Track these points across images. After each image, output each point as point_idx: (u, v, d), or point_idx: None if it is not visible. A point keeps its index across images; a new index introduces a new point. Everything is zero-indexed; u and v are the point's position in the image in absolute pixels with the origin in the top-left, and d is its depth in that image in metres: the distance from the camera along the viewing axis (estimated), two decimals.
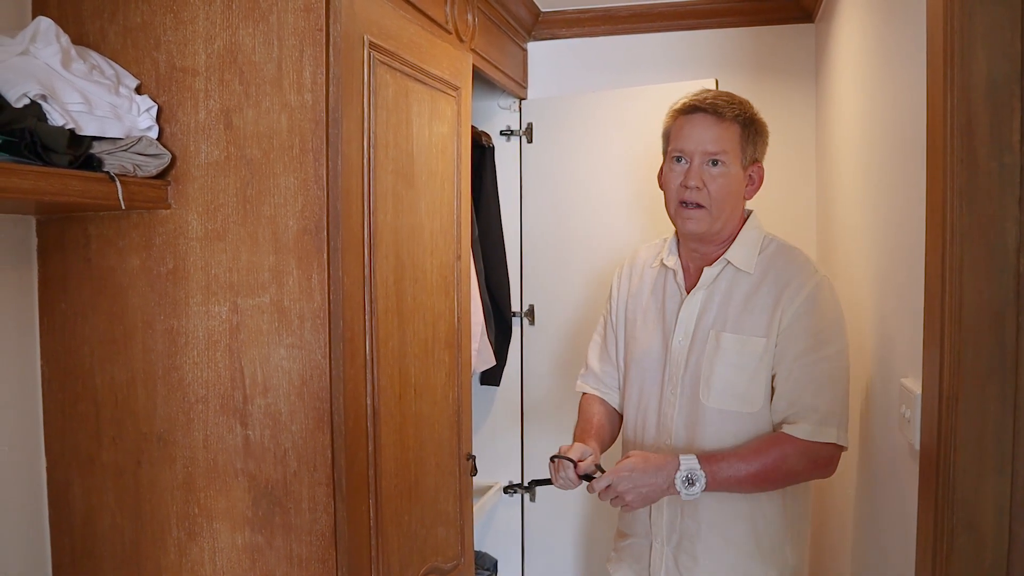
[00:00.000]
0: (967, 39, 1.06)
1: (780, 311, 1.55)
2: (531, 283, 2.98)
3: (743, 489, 1.53)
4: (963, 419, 1.09)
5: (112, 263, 1.63)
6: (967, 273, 1.08)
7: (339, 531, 1.55)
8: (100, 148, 1.44)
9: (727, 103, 1.59)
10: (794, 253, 1.64)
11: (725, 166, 1.58)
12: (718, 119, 1.57)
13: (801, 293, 1.55)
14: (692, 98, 1.61)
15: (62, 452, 1.69)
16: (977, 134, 1.06)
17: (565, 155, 2.87)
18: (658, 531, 1.66)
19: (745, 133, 1.60)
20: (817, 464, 1.53)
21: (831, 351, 1.55)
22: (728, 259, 1.63)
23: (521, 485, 2.97)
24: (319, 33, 1.50)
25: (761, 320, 1.57)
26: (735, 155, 1.58)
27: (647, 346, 1.72)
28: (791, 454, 1.50)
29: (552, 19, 2.95)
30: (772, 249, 1.64)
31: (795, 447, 1.50)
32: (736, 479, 1.49)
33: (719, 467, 1.49)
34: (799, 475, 1.55)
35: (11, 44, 1.40)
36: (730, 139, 1.57)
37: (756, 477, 1.50)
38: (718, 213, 1.59)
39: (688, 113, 1.60)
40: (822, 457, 1.52)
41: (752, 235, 1.65)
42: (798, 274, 1.58)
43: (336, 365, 1.53)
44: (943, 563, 1.11)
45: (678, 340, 1.65)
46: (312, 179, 1.52)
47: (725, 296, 1.62)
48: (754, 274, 1.61)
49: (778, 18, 2.77)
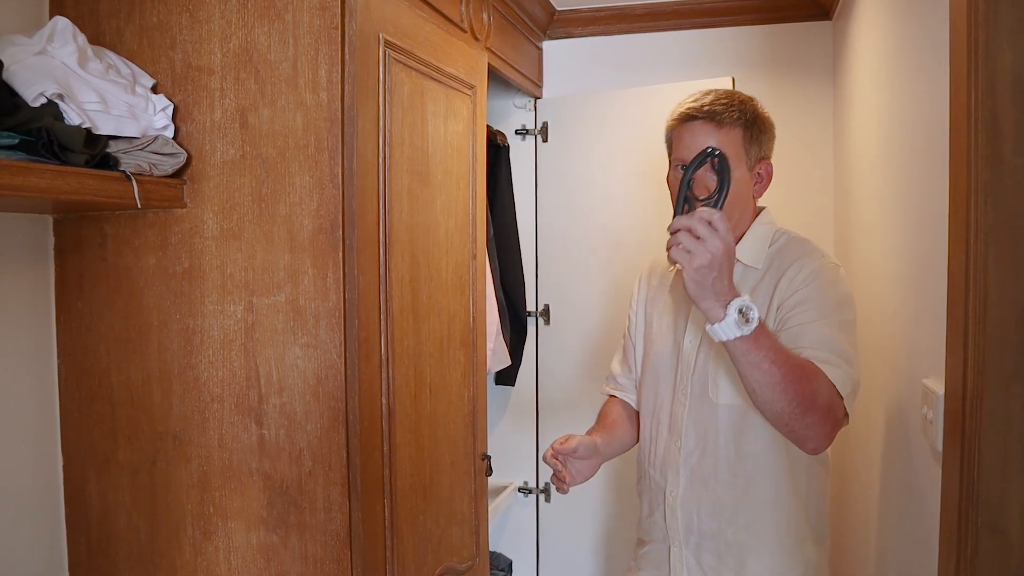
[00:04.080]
0: (992, 33, 1.04)
1: (779, 293, 1.50)
2: (546, 283, 2.97)
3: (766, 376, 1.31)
4: (987, 420, 1.07)
5: (128, 262, 1.63)
6: (992, 272, 1.06)
7: (354, 531, 1.54)
8: (116, 147, 1.44)
9: (725, 107, 1.52)
10: (802, 243, 1.59)
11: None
12: (717, 126, 1.52)
13: (803, 272, 1.49)
14: (689, 105, 1.56)
15: (78, 450, 1.70)
16: (1002, 130, 1.04)
17: (580, 154, 2.86)
18: (675, 535, 1.62)
19: (748, 134, 1.54)
20: (830, 413, 1.37)
21: (848, 317, 1.46)
22: (736, 256, 1.56)
23: (537, 487, 2.96)
24: (334, 32, 1.49)
25: (760, 308, 1.47)
26: (738, 159, 1.53)
27: (661, 349, 1.70)
28: (822, 380, 1.36)
29: (567, 18, 2.94)
30: (782, 242, 1.60)
31: (824, 378, 1.37)
32: (772, 355, 1.30)
33: (770, 334, 1.33)
34: (817, 407, 1.35)
35: (28, 43, 1.40)
36: (731, 144, 1.51)
37: (790, 370, 1.31)
38: (726, 217, 1.54)
39: (685, 121, 1.56)
40: (836, 411, 1.38)
41: (762, 231, 1.61)
42: (800, 258, 1.53)
43: (351, 364, 1.53)
44: (967, 566, 1.09)
45: (688, 341, 1.63)
46: (327, 178, 1.51)
47: None
48: (760, 268, 1.57)
49: (795, 16, 2.74)
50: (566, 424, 2.87)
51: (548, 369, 2.97)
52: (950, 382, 1.18)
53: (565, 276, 2.92)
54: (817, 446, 1.42)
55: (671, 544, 1.64)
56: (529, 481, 3.00)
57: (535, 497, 3.00)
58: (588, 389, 1.95)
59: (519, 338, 2.90)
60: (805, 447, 1.43)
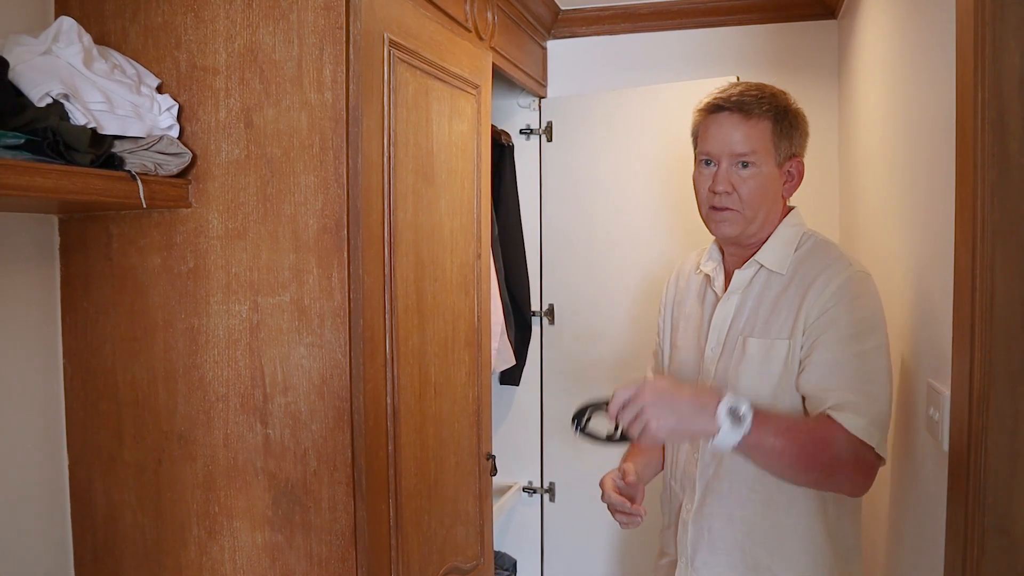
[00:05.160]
0: (999, 32, 1.03)
1: (805, 309, 1.43)
2: (550, 282, 2.97)
3: (781, 461, 1.33)
4: (994, 420, 1.06)
5: (133, 262, 1.63)
6: (998, 271, 1.06)
7: (359, 530, 1.54)
8: (121, 147, 1.44)
9: (755, 98, 1.47)
10: (828, 248, 1.52)
11: (756, 167, 1.47)
12: (745, 117, 1.46)
13: (829, 287, 1.42)
14: (717, 95, 1.50)
15: (84, 450, 1.70)
16: (1009, 129, 1.04)
17: (584, 153, 2.86)
18: (683, 550, 1.56)
19: (778, 128, 1.48)
20: (859, 465, 1.34)
21: (872, 344, 1.39)
22: (759, 261, 1.52)
23: (541, 487, 2.96)
24: (339, 31, 1.49)
25: (787, 321, 1.45)
26: (767, 154, 1.47)
27: (685, 356, 1.64)
28: (839, 440, 1.32)
29: (572, 17, 2.93)
30: (808, 247, 1.52)
31: (843, 434, 1.32)
32: (780, 441, 1.30)
33: (769, 416, 1.31)
34: (841, 468, 1.35)
35: (34, 43, 1.41)
36: (759, 137, 1.46)
37: (803, 446, 1.31)
38: (752, 215, 1.49)
39: (713, 112, 1.50)
40: (865, 459, 1.34)
41: (788, 233, 1.54)
42: (827, 269, 1.45)
43: (356, 364, 1.53)
44: (973, 567, 1.09)
45: (711, 348, 1.56)
46: (332, 177, 1.51)
47: (758, 300, 1.51)
48: (785, 274, 1.50)
49: (800, 15, 2.74)
50: (569, 424, 2.88)
51: (552, 369, 2.97)
52: (956, 382, 1.18)
53: (570, 276, 2.92)
54: (855, 493, 1.42)
55: (679, 559, 1.59)
56: (533, 481, 3.00)
57: (539, 497, 3.00)
58: (591, 389, 1.94)
59: (523, 338, 2.90)
60: (845, 494, 1.44)
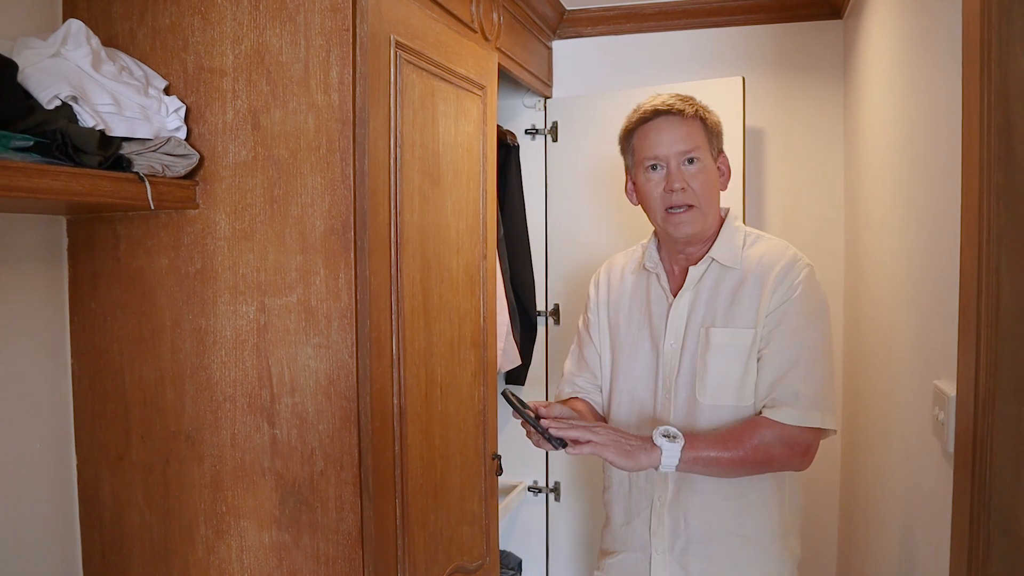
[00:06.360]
0: (1005, 35, 1.04)
1: (766, 299, 1.55)
2: (556, 282, 2.97)
3: (720, 466, 1.48)
4: (1000, 421, 1.07)
5: (141, 263, 1.64)
6: (1004, 273, 1.06)
7: (365, 530, 1.55)
8: (129, 149, 1.45)
9: (682, 101, 1.59)
10: (777, 244, 1.64)
11: (701, 161, 1.58)
12: (682, 118, 1.58)
13: (785, 281, 1.55)
14: (647, 106, 1.61)
15: (92, 449, 1.71)
16: (1015, 132, 1.04)
17: (590, 154, 2.86)
18: (659, 543, 1.61)
19: (705, 126, 1.60)
20: (795, 450, 1.49)
21: (814, 335, 1.53)
22: (713, 256, 1.62)
23: (547, 486, 2.97)
24: (346, 33, 1.50)
25: (750, 311, 1.56)
26: (706, 149, 1.59)
27: (635, 353, 1.69)
28: (770, 439, 1.48)
29: (577, 17, 2.94)
30: (755, 242, 1.64)
31: (774, 431, 1.48)
32: (713, 452, 1.45)
33: (697, 435, 1.47)
34: (775, 461, 1.50)
35: (43, 46, 1.41)
36: (697, 134, 1.58)
37: (733, 457, 1.46)
38: (708, 209, 1.59)
39: (651, 119, 1.60)
40: (800, 443, 1.49)
41: (733, 231, 1.65)
42: (781, 262, 1.57)
43: (363, 364, 1.53)
44: (979, 569, 1.09)
45: (669, 344, 1.63)
46: (339, 179, 1.52)
47: (712, 293, 1.61)
48: (739, 268, 1.60)
49: (806, 15, 2.74)
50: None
51: (558, 369, 2.95)
52: (962, 384, 1.18)
53: (575, 276, 2.92)
54: (800, 469, 1.55)
55: (653, 553, 1.61)
56: (539, 480, 3.00)
57: (545, 496, 3.00)
58: None
59: (529, 338, 2.90)
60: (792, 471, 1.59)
